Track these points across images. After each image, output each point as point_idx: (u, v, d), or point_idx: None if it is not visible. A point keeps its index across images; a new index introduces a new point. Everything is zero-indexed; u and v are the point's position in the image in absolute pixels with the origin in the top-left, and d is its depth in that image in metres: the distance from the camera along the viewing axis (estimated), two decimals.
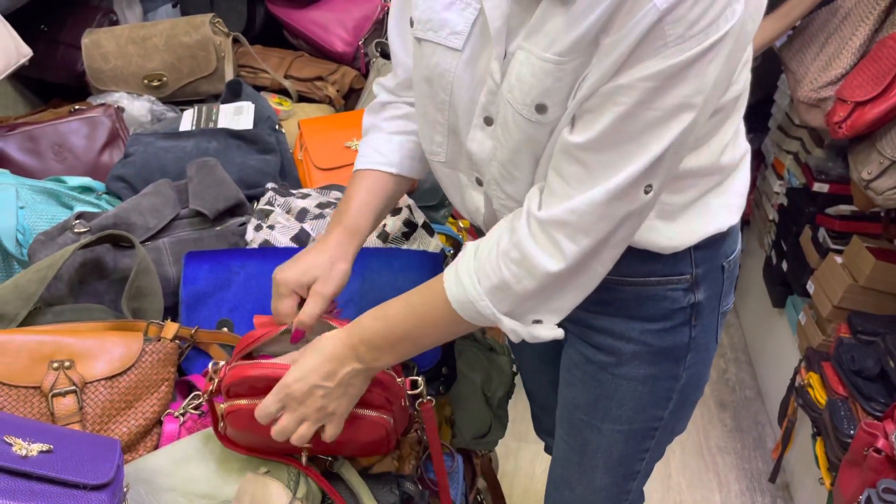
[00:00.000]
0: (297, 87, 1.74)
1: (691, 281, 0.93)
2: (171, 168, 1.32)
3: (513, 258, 0.77)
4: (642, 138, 0.72)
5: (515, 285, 0.78)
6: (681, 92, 0.69)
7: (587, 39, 0.71)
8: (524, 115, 0.77)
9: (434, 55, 0.84)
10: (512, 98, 0.78)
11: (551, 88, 0.74)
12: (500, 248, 0.78)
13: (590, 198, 0.74)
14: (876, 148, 1.48)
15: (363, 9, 1.81)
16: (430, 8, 0.83)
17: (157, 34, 1.62)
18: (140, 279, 1.02)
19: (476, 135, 0.86)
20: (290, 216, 1.21)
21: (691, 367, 1.00)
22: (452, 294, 0.80)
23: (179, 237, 1.15)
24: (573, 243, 0.75)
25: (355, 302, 1.10)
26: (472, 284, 0.79)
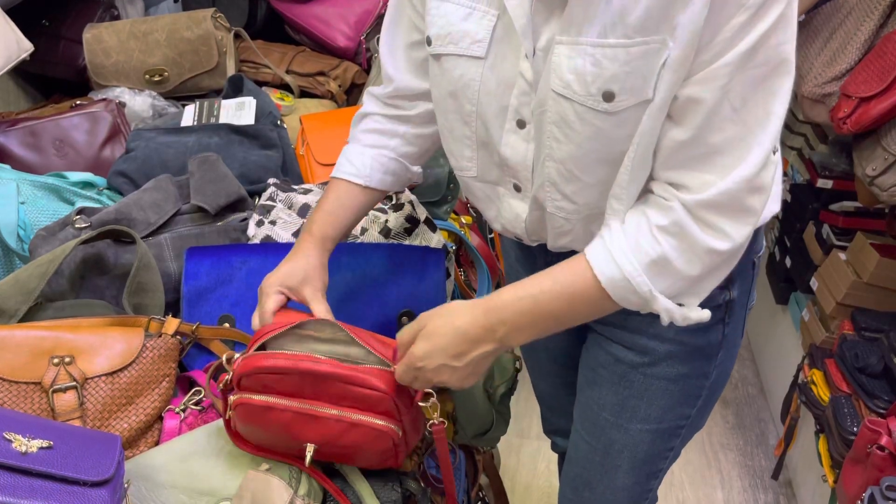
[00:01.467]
0: (299, 83, 1.73)
1: (727, 278, 0.90)
2: (173, 163, 1.31)
3: (672, 233, 0.75)
4: (762, 101, 0.71)
5: (676, 260, 0.76)
6: (778, 40, 0.69)
7: (653, 20, 0.69)
8: (590, 106, 0.75)
9: (457, 68, 0.84)
10: (571, 92, 0.76)
11: (618, 74, 0.72)
12: (656, 225, 0.76)
13: (737, 177, 0.72)
14: (881, 144, 1.48)
15: (365, 4, 1.80)
16: (448, 22, 0.84)
17: (158, 29, 1.62)
18: (141, 275, 1.02)
19: (510, 139, 0.85)
20: (291, 211, 1.20)
21: (721, 365, 1.00)
22: (604, 272, 0.77)
23: (181, 233, 1.14)
24: (737, 223, 0.75)
25: (357, 297, 1.10)
26: (628, 261, 0.76)
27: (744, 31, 0.68)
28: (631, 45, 0.71)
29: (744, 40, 0.68)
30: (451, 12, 0.84)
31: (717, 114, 0.71)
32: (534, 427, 2.28)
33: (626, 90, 0.73)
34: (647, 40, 0.70)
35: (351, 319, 1.06)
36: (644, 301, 0.78)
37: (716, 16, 0.67)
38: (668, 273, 0.76)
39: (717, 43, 0.69)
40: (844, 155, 2.07)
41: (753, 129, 0.72)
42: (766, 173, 0.74)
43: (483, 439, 1.29)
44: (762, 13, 0.67)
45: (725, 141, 0.72)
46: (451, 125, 0.91)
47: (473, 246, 1.46)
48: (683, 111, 0.73)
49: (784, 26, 0.69)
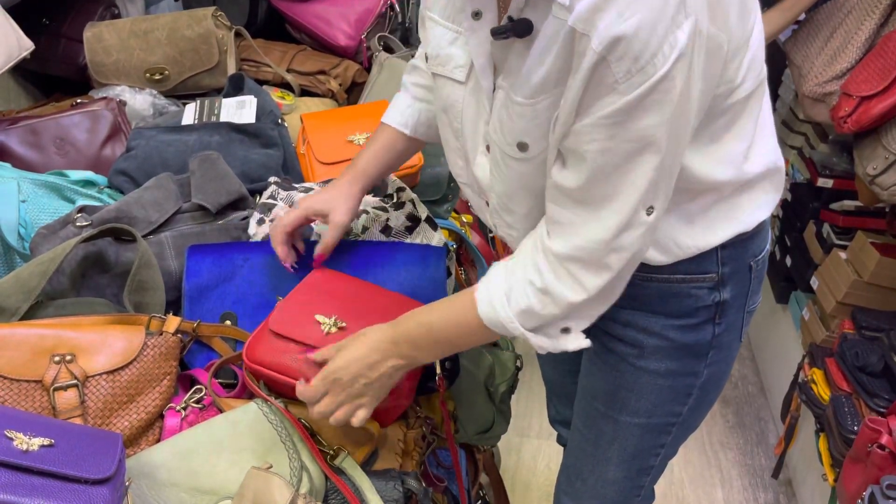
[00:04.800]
0: (300, 81, 1.73)
1: (717, 280, 0.94)
2: (174, 162, 1.31)
3: (537, 287, 0.82)
4: (625, 171, 0.74)
5: (541, 311, 0.83)
6: (648, 123, 0.71)
7: (551, 81, 0.75)
8: (508, 153, 0.83)
9: (445, 87, 0.91)
10: (497, 137, 0.84)
11: (527, 128, 0.80)
12: (526, 276, 0.83)
13: (596, 235, 0.78)
14: (881, 143, 1.48)
15: (365, 2, 1.80)
16: (438, 45, 0.90)
17: (159, 27, 1.62)
18: (142, 273, 1.02)
19: (480, 161, 0.92)
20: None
21: (713, 365, 1.00)
22: (484, 314, 0.85)
23: (181, 231, 1.14)
24: (593, 276, 0.80)
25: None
26: (502, 307, 0.84)
27: (615, 113, 0.71)
28: (535, 104, 0.78)
29: (617, 117, 0.72)
30: (441, 35, 0.90)
31: (586, 170, 0.75)
32: (534, 426, 2.28)
33: (535, 140, 0.80)
34: (543, 98, 0.77)
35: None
36: (517, 337, 0.87)
37: (593, 91, 0.71)
38: (535, 317, 0.84)
39: (591, 113, 0.73)
40: (845, 154, 2.07)
41: (613, 195, 0.76)
42: (627, 235, 0.78)
43: (484, 438, 1.29)
44: (635, 104, 0.70)
45: (591, 198, 0.77)
46: (446, 136, 0.97)
47: (474, 244, 1.46)
48: (567, 159, 0.78)
49: (656, 110, 0.71)
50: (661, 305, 0.96)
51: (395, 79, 1.72)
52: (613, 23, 0.67)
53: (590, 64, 0.69)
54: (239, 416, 0.90)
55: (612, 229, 0.77)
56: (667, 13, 0.67)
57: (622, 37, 0.67)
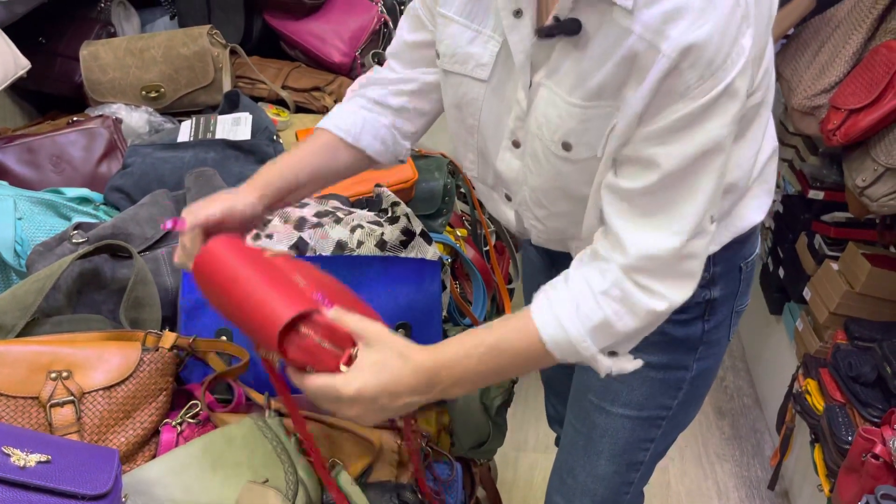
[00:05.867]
0: (295, 98, 1.74)
1: (707, 278, 0.96)
2: (169, 179, 1.32)
3: (614, 297, 0.78)
4: (693, 175, 0.75)
5: (617, 323, 0.79)
6: (715, 125, 0.73)
7: (609, 89, 0.75)
8: (552, 150, 0.83)
9: (462, 85, 0.89)
10: (540, 133, 0.83)
11: (575, 129, 0.79)
12: (598, 288, 0.79)
13: (666, 243, 0.76)
14: (870, 155, 1.50)
15: (360, 20, 1.82)
16: (455, 44, 0.88)
17: (154, 46, 1.63)
18: (138, 289, 1.02)
19: (504, 156, 0.91)
20: (288, 225, 1.21)
21: (702, 360, 1.03)
22: (551, 336, 0.79)
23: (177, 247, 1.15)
24: (672, 286, 0.79)
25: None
26: (572, 324, 0.79)
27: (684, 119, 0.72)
28: (588, 108, 0.78)
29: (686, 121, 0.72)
30: (458, 34, 0.88)
31: (653, 176, 0.75)
32: (531, 440, 2.28)
33: (581, 144, 0.80)
34: (599, 104, 0.77)
35: None
36: (586, 360, 0.81)
37: (661, 99, 0.72)
38: (609, 334, 0.80)
39: (658, 119, 0.74)
40: (835, 166, 2.09)
41: (682, 200, 0.76)
42: (697, 242, 0.78)
43: (479, 451, 1.29)
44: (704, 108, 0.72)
45: (658, 205, 0.77)
46: (456, 130, 0.96)
47: (469, 258, 1.47)
48: (628, 167, 0.78)
49: (722, 113, 0.73)
50: None
51: None
52: (686, 31, 0.68)
53: (660, 72, 0.70)
54: (234, 430, 0.90)
55: (684, 235, 0.76)
56: (735, 20, 0.69)
57: (695, 44, 0.68)
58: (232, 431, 0.90)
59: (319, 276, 0.85)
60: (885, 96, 1.46)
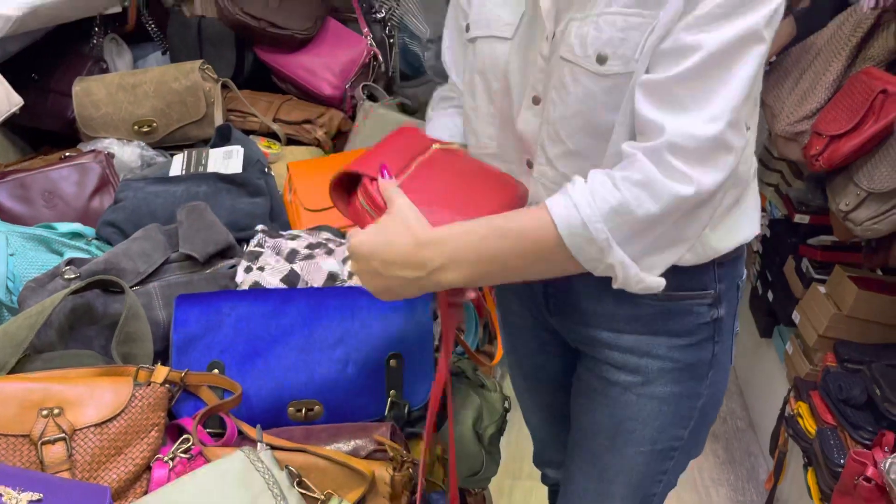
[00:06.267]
0: (286, 131, 1.76)
1: (715, 297, 0.96)
2: (161, 213, 1.33)
3: (635, 181, 0.75)
4: (734, 61, 0.75)
5: (637, 208, 0.74)
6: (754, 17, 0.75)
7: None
8: (584, 67, 0.81)
9: (485, 48, 0.94)
10: (572, 55, 0.82)
11: (613, 39, 0.79)
12: (619, 175, 0.76)
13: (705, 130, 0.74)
14: (853, 180, 1.52)
15: (349, 53, 1.85)
16: (486, 9, 0.94)
17: (147, 81, 1.65)
18: (130, 324, 1.03)
19: (525, 114, 0.91)
20: (279, 257, 1.22)
21: (712, 385, 1.02)
22: (562, 217, 0.76)
23: (169, 281, 1.15)
24: (702, 169, 0.75)
25: (344, 342, 1.11)
26: (587, 204, 0.75)
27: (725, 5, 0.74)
28: (629, 15, 0.79)
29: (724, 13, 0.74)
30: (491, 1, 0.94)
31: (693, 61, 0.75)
32: (525, 468, 2.27)
33: (617, 56, 0.79)
34: (641, 13, 0.78)
35: (338, 363, 1.08)
36: (599, 251, 0.76)
37: None
38: (626, 220, 0.75)
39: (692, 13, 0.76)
40: (820, 191, 2.12)
41: (719, 87, 0.75)
42: (734, 135, 0.76)
43: (473, 480, 1.29)
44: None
45: (694, 92, 0.75)
46: (476, 103, 0.97)
47: None
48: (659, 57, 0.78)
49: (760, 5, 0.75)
50: (664, 324, 0.97)
51: (379, 127, 1.76)
52: None
53: None
54: (226, 464, 0.90)
55: (722, 122, 0.74)
56: None
57: None
58: (224, 466, 0.90)
59: (443, 162, 0.94)
60: (865, 122, 1.49)
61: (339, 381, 1.07)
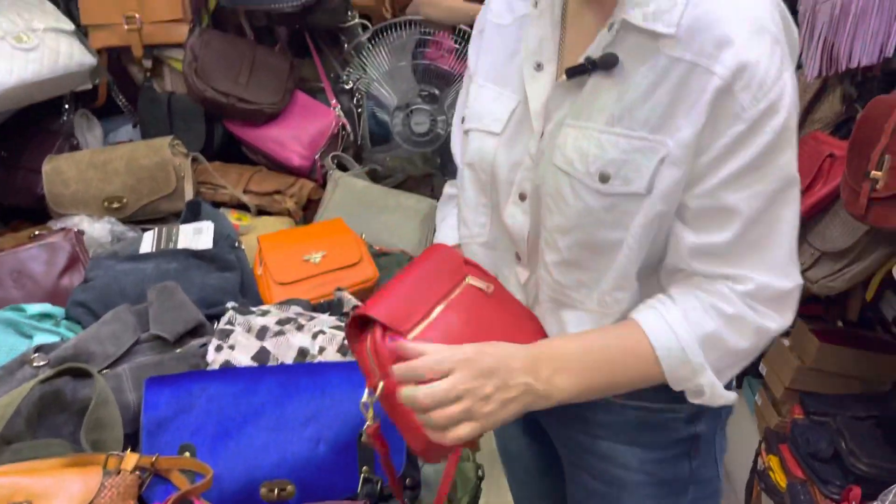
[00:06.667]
0: (257, 201, 1.79)
1: (693, 411, 0.92)
2: (132, 291, 1.33)
3: (728, 315, 0.79)
4: (777, 210, 0.78)
5: (729, 339, 0.80)
6: (783, 159, 0.77)
7: (655, 118, 0.77)
8: (585, 183, 0.81)
9: (475, 141, 0.94)
10: (572, 169, 0.82)
11: (616, 160, 0.79)
12: (707, 300, 0.80)
13: (765, 275, 0.78)
14: (806, 240, 1.58)
15: (318, 125, 1.89)
16: (480, 104, 0.95)
17: (117, 158, 1.67)
18: (99, 411, 1.02)
19: (511, 209, 0.92)
20: (250, 335, 1.23)
21: (695, 502, 0.98)
22: (660, 340, 0.80)
23: (140, 362, 1.15)
24: (779, 309, 0.80)
25: (316, 419, 1.11)
26: (683, 329, 0.80)
27: (743, 141, 0.75)
28: (633, 138, 0.78)
29: (745, 151, 0.76)
30: (485, 95, 0.95)
31: (738, 222, 0.77)
32: None
33: (620, 177, 0.79)
34: (647, 137, 0.78)
35: (310, 442, 1.08)
36: (692, 373, 0.81)
37: (717, 123, 0.75)
38: (718, 348, 0.80)
39: (715, 148, 0.76)
40: None
41: (769, 243, 0.79)
42: (794, 270, 0.82)
43: None
44: (760, 126, 0.75)
45: (746, 252, 0.79)
46: (468, 193, 0.98)
47: None
48: (700, 216, 0.79)
49: (787, 146, 0.77)
50: (638, 435, 0.95)
51: (348, 196, 1.80)
52: (737, 54, 0.72)
53: (714, 92, 0.74)
54: None
55: (791, 269, 0.80)
56: (777, 56, 0.75)
57: (747, 63, 0.72)
58: None
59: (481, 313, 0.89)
60: (815, 185, 1.55)
61: (312, 460, 1.07)
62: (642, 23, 0.77)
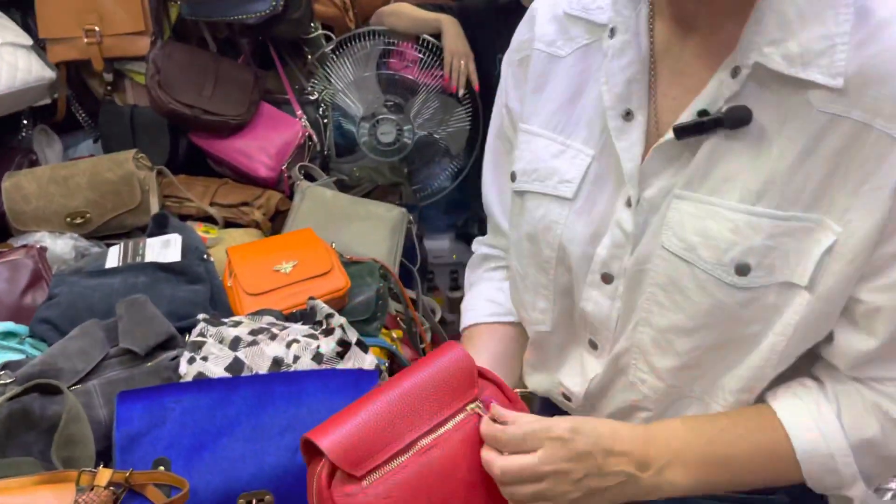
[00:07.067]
0: (224, 214, 1.77)
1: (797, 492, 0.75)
2: (99, 306, 1.31)
3: (892, 417, 0.66)
4: None
5: (886, 445, 0.66)
6: None
7: (809, 194, 0.61)
8: (716, 276, 0.65)
9: (540, 207, 0.77)
10: (694, 257, 0.66)
11: (758, 247, 0.63)
12: (870, 397, 0.67)
13: None
14: None
15: (284, 135, 1.88)
16: (536, 157, 0.77)
17: (79, 173, 1.64)
18: (70, 427, 1.00)
19: (591, 294, 0.75)
20: (223, 346, 1.22)
21: None
22: (803, 441, 0.66)
23: (110, 378, 1.14)
24: None
25: (293, 428, 1.10)
26: (837, 432, 0.66)
27: None
28: (783, 220, 0.62)
29: None
30: (542, 148, 0.77)
31: None
32: None
33: (764, 266, 0.64)
34: (803, 217, 0.62)
35: (288, 451, 1.08)
36: (839, 482, 0.67)
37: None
38: (874, 454, 0.67)
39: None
40: None
41: None
42: None
43: None
44: None
45: None
46: (525, 271, 0.81)
47: (406, 359, 1.49)
48: (874, 317, 0.64)
49: None
50: None
51: (316, 205, 1.79)
52: None
53: None
54: None
55: None
56: None
57: None
58: None
59: None
60: None
61: (290, 469, 1.07)
62: (787, 69, 0.60)
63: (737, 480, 0.69)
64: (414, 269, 1.95)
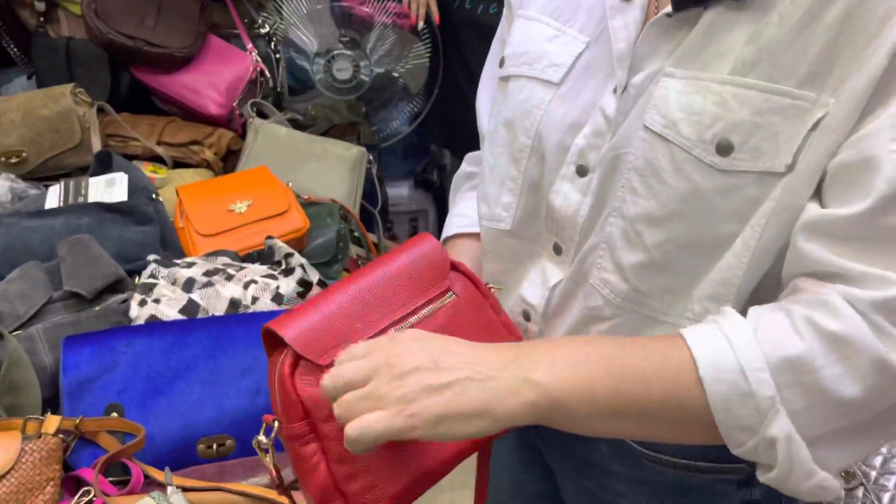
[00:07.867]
0: (172, 153, 1.68)
1: (748, 473, 0.69)
2: (39, 249, 1.23)
3: (829, 333, 0.53)
4: None
5: (825, 368, 0.52)
6: None
7: (808, 67, 0.56)
8: (695, 155, 0.59)
9: (523, 91, 0.73)
10: (674, 133, 0.60)
11: (745, 123, 0.57)
12: (799, 311, 0.55)
13: None
14: None
15: (235, 70, 1.79)
16: (529, 41, 0.74)
17: (12, 109, 1.53)
18: (12, 373, 0.95)
19: (562, 187, 0.71)
20: (176, 287, 1.16)
21: None
22: (706, 352, 0.54)
23: (54, 322, 1.07)
24: None
25: (252, 370, 1.06)
26: (749, 343, 0.54)
27: None
28: (773, 93, 0.57)
29: None
30: (536, 31, 0.74)
31: (876, 181, 0.54)
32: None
33: (748, 148, 0.58)
34: (796, 94, 0.56)
35: (248, 394, 1.04)
36: (755, 414, 0.53)
37: None
38: (805, 384, 0.53)
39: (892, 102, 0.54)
40: None
41: None
42: None
43: None
44: None
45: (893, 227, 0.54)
46: (496, 161, 0.77)
47: None
48: (847, 181, 0.56)
49: None
50: (677, 499, 0.74)
51: (270, 144, 1.71)
52: None
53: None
54: None
55: None
56: None
57: None
58: None
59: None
60: None
61: (251, 412, 1.03)
62: None
63: (624, 393, 0.55)
64: (375, 211, 1.90)
